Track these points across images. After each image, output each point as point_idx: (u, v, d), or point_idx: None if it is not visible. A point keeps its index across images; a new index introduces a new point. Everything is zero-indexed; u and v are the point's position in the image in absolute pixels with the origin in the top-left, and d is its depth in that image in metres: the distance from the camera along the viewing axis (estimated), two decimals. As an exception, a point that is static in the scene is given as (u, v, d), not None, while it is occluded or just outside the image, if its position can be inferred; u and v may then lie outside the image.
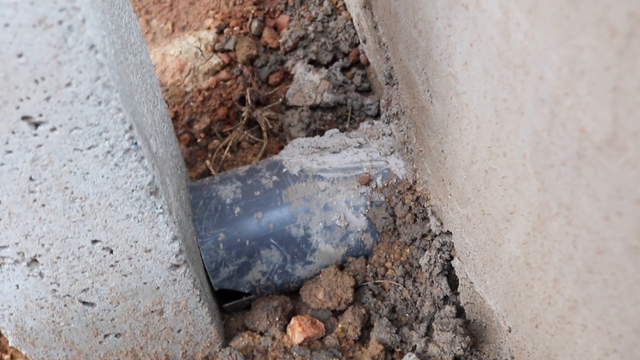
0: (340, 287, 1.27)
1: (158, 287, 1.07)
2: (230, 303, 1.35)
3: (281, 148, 1.62)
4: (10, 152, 0.75)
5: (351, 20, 1.73)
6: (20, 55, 0.65)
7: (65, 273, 0.98)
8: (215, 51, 1.71)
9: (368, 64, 1.70)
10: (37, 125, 0.73)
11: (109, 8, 0.83)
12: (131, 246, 0.96)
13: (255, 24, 1.74)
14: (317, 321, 1.28)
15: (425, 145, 1.16)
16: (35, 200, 0.83)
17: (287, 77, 1.71)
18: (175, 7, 1.83)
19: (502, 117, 0.78)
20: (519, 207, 0.84)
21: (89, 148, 0.78)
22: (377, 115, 1.66)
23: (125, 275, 1.02)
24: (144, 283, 1.05)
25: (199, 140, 1.65)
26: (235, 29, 1.74)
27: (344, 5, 1.76)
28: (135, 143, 0.80)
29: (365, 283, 1.31)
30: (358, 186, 1.30)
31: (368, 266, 1.31)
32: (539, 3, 0.62)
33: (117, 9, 0.90)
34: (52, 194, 0.83)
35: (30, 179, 0.80)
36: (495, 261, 0.97)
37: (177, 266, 1.03)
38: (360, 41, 1.69)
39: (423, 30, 0.99)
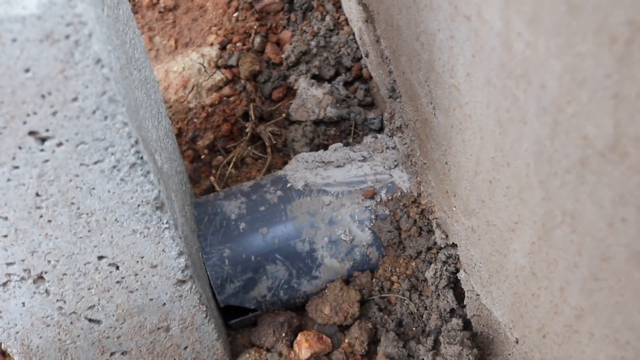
0: (347, 301, 1.27)
1: (164, 304, 1.07)
2: (236, 319, 1.35)
3: (285, 163, 1.62)
4: (17, 167, 0.76)
5: (353, 34, 1.74)
6: (27, 70, 0.66)
7: (72, 290, 0.98)
8: (218, 67, 1.72)
9: (371, 78, 1.70)
10: (43, 140, 0.73)
11: (114, 24, 0.84)
12: (137, 262, 0.96)
13: (257, 39, 1.75)
14: (324, 336, 1.27)
15: (429, 157, 1.16)
16: (41, 216, 0.83)
17: (290, 93, 1.71)
18: (178, 23, 1.84)
19: (505, 127, 0.78)
20: (523, 217, 0.83)
21: (95, 163, 0.78)
22: (380, 129, 1.67)
23: (132, 292, 1.02)
24: (150, 299, 1.05)
25: (202, 157, 1.65)
26: (238, 44, 1.75)
27: (346, 20, 1.77)
28: (141, 157, 0.80)
29: (372, 297, 1.30)
30: (362, 200, 1.30)
31: (374, 280, 1.31)
32: (539, 13, 0.62)
33: (121, 24, 0.91)
34: (59, 210, 0.83)
35: (37, 194, 0.80)
36: (501, 272, 0.97)
37: (184, 282, 1.03)
38: (363, 55, 1.69)
39: (425, 43, 1.00)
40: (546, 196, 0.75)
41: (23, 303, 0.98)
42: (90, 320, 1.05)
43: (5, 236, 0.85)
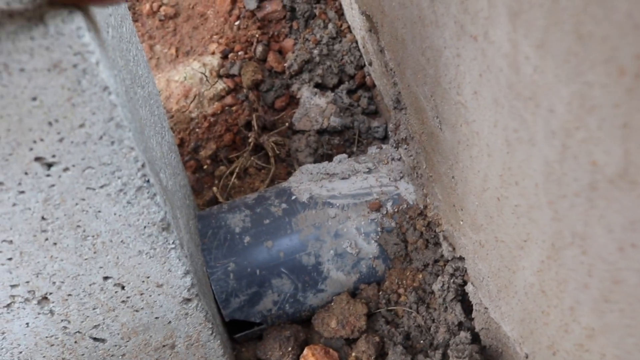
0: (353, 315, 1.27)
1: (170, 322, 1.06)
2: (241, 333, 1.34)
3: (289, 173, 1.61)
4: (22, 192, 0.75)
5: (356, 42, 1.73)
6: (34, 99, 0.65)
7: (77, 310, 0.97)
8: (220, 76, 1.72)
9: (374, 86, 1.69)
10: (50, 165, 0.73)
11: (118, 44, 0.83)
12: (143, 282, 0.96)
13: (259, 48, 1.74)
14: (331, 350, 1.27)
15: (436, 170, 1.15)
16: (47, 239, 0.83)
17: (293, 101, 1.70)
18: (178, 32, 1.83)
19: (513, 146, 0.78)
20: (532, 235, 0.83)
21: (102, 187, 0.78)
22: (384, 138, 1.66)
23: (137, 311, 1.01)
24: (156, 318, 1.04)
25: (205, 167, 1.65)
26: (239, 53, 1.74)
27: (349, 27, 1.76)
28: (148, 180, 0.79)
29: (378, 310, 1.30)
30: (368, 212, 1.29)
31: (380, 293, 1.30)
32: (547, 39, 0.61)
33: (125, 42, 0.91)
34: (64, 233, 0.83)
35: (43, 218, 0.79)
36: (510, 288, 0.96)
37: (189, 300, 1.03)
38: (366, 64, 1.69)
39: (431, 58, 0.99)
40: (555, 217, 0.74)
41: (27, 323, 0.97)
42: (94, 339, 1.05)
43: (10, 259, 0.85)
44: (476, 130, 0.89)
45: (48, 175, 0.74)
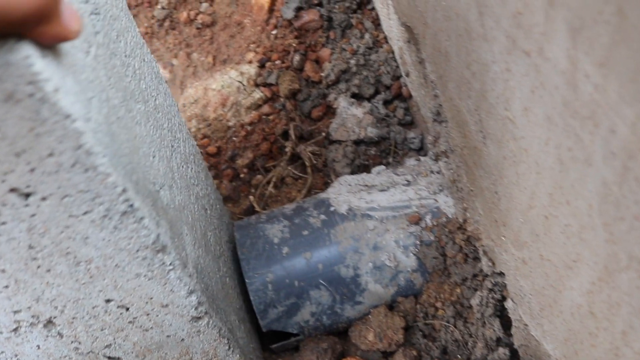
0: (391, 328, 1.26)
1: (183, 339, 1.04)
2: (278, 344, 1.34)
3: (325, 183, 1.61)
4: (4, 223, 0.73)
5: (393, 53, 1.72)
6: None
7: (84, 332, 0.96)
8: (257, 85, 1.72)
9: (410, 96, 1.68)
10: (27, 195, 0.71)
11: (107, 60, 0.81)
12: (147, 303, 0.93)
13: (297, 57, 1.74)
14: (368, 363, 1.26)
15: (477, 185, 1.14)
16: (39, 267, 0.81)
17: (330, 111, 1.70)
18: (215, 40, 1.84)
19: (566, 165, 0.77)
20: (583, 256, 0.81)
21: (84, 214, 0.75)
22: (420, 149, 1.65)
23: (147, 330, 0.99)
24: (167, 336, 1.02)
25: (242, 176, 1.65)
26: (277, 62, 1.75)
27: (385, 38, 1.76)
28: (132, 205, 0.76)
29: (416, 323, 1.29)
30: (407, 225, 1.28)
31: (418, 306, 1.29)
32: (612, 57, 0.60)
33: (121, 58, 0.89)
34: (55, 260, 0.81)
35: (30, 247, 0.78)
36: (555, 307, 0.95)
37: (199, 318, 1.00)
38: (403, 74, 1.68)
39: (477, 72, 0.98)
40: (610, 239, 0.73)
41: (38, 346, 0.96)
42: (109, 357, 1.03)
43: (7, 287, 0.84)
44: (525, 147, 0.88)
45: (26, 205, 0.72)
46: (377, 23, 1.78)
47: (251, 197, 1.60)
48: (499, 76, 0.90)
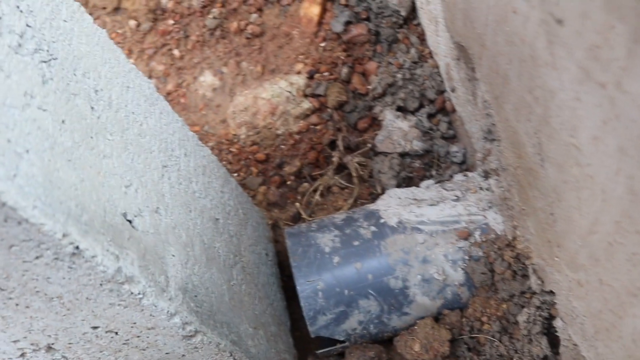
0: (437, 340, 1.29)
1: (183, 355, 1.05)
2: (323, 350, 1.38)
3: (371, 194, 1.64)
4: None
5: (438, 68, 1.76)
6: None
7: (85, 354, 0.98)
8: (306, 96, 1.75)
9: (454, 111, 1.72)
10: None
11: (61, 104, 0.82)
12: (132, 327, 0.94)
13: (344, 70, 1.78)
14: (414, 373, 1.29)
15: (530, 205, 1.17)
16: (17, 305, 0.84)
17: (375, 123, 1.74)
18: (264, 50, 1.88)
19: (638, 196, 0.79)
20: (646, 283, 0.84)
21: (36, 258, 0.76)
22: (462, 163, 1.68)
23: (144, 349, 1.00)
24: (167, 353, 1.03)
25: (289, 183, 1.69)
26: (325, 74, 1.78)
27: (430, 53, 1.79)
28: (77, 247, 0.76)
29: (461, 336, 1.32)
30: (456, 240, 1.31)
31: (463, 319, 1.32)
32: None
33: (87, 94, 0.89)
34: (29, 298, 0.83)
35: (1, 289, 0.80)
36: (613, 332, 0.98)
37: (191, 336, 1.00)
38: (447, 89, 1.71)
39: (541, 98, 1.01)
40: (679, 268, 0.76)
41: None
42: None
43: None
44: (590, 174, 0.91)
45: None
46: (422, 38, 1.82)
47: (297, 204, 1.63)
48: (566, 104, 0.93)
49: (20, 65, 0.75)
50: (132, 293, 0.86)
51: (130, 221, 0.91)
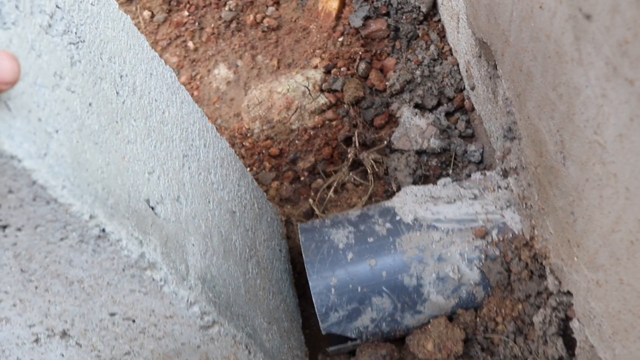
0: (451, 339, 1.27)
1: (199, 346, 1.04)
2: (334, 347, 1.36)
3: (386, 191, 1.63)
4: None
5: (457, 65, 1.74)
6: None
7: (100, 341, 0.98)
8: (322, 91, 1.74)
9: (472, 110, 1.70)
10: (3, 227, 0.74)
11: (89, 87, 0.82)
12: (150, 315, 0.94)
13: (362, 65, 1.76)
14: (426, 372, 1.27)
15: (550, 204, 1.15)
16: (37, 288, 0.84)
17: (392, 120, 1.72)
18: (280, 44, 1.87)
19: (664, 195, 0.78)
20: (669, 284, 0.82)
21: (61, 240, 0.77)
22: (480, 162, 1.66)
23: (160, 339, 1.00)
24: (182, 344, 1.03)
25: (302, 178, 1.67)
26: (342, 69, 1.77)
27: (450, 50, 1.77)
28: (104, 230, 0.77)
29: (475, 336, 1.30)
30: (473, 239, 1.30)
31: (478, 319, 1.30)
32: None
33: (113, 79, 0.89)
34: (49, 281, 0.83)
35: (22, 271, 0.81)
36: (632, 332, 0.96)
37: (208, 327, 1.00)
38: (467, 87, 1.69)
39: (565, 95, 0.99)
40: None
41: (62, 354, 0.99)
42: None
43: (14, 305, 0.87)
44: (614, 172, 0.89)
45: (6, 236, 0.75)
46: (442, 35, 1.80)
47: (311, 200, 1.62)
48: (591, 101, 0.91)
49: (51, 45, 0.76)
50: (153, 279, 0.86)
51: (152, 208, 0.91)
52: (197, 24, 1.90)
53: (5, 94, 0.65)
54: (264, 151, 1.71)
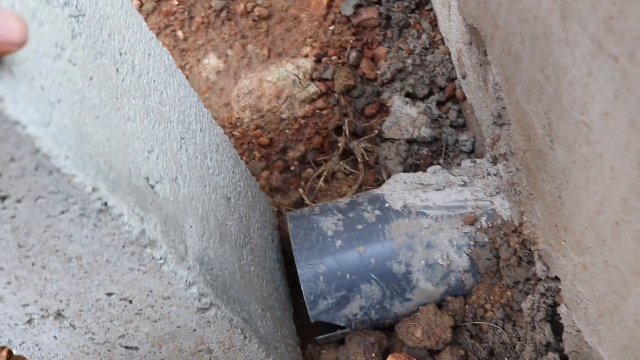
0: (439, 326, 1.26)
1: (194, 329, 1.04)
2: (323, 336, 1.35)
3: (376, 180, 1.62)
4: None
5: (449, 54, 1.73)
6: None
7: (95, 323, 0.97)
8: (312, 79, 1.73)
9: (464, 99, 1.69)
10: (2, 199, 0.73)
11: (90, 61, 0.81)
12: (147, 296, 0.93)
13: (353, 54, 1.75)
14: (414, 359, 1.26)
15: (538, 188, 1.14)
16: (33, 264, 0.83)
17: (383, 109, 1.71)
18: (271, 33, 1.86)
19: (648, 172, 0.77)
20: (655, 263, 0.82)
21: (62, 213, 0.76)
22: (471, 152, 1.65)
23: (155, 321, 0.99)
24: (178, 327, 1.02)
25: (292, 168, 1.67)
26: (333, 58, 1.76)
27: (442, 39, 1.76)
28: (106, 203, 0.76)
29: (464, 323, 1.29)
30: (462, 225, 1.29)
31: (467, 306, 1.30)
32: None
33: (112, 56, 0.89)
34: (47, 257, 0.82)
35: (19, 246, 0.79)
36: (616, 313, 0.95)
37: (205, 309, 0.99)
38: (459, 76, 1.68)
39: (552, 76, 0.99)
40: (690, 246, 0.73)
41: (54, 336, 0.98)
42: (126, 347, 1.04)
43: (9, 283, 0.86)
44: (599, 152, 0.88)
45: (4, 208, 0.74)
46: (434, 24, 1.79)
47: (301, 190, 1.61)
48: (578, 80, 0.90)
49: (52, 15, 0.75)
50: (153, 258, 0.85)
51: (152, 186, 0.90)
52: (186, 13, 1.89)
53: (9, 59, 0.64)
54: (253, 140, 1.70)
